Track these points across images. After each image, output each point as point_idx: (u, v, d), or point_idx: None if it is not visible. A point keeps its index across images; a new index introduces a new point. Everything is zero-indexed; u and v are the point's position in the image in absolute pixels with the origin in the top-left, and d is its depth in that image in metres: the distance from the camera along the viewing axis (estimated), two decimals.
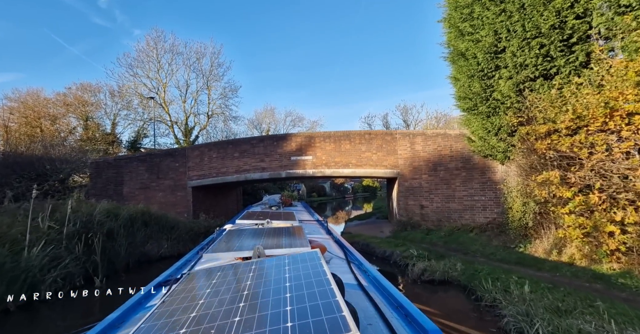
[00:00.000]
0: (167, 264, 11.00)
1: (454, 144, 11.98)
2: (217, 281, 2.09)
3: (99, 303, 7.87)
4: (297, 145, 14.52)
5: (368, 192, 65.16)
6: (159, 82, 26.53)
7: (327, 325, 1.29)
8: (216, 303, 1.72)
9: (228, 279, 2.08)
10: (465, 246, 9.75)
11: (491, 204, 11.09)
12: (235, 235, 3.77)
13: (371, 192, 65.29)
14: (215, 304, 1.70)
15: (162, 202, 14.75)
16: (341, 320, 1.31)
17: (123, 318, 2.18)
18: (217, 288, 1.95)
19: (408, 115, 37.68)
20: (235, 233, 3.96)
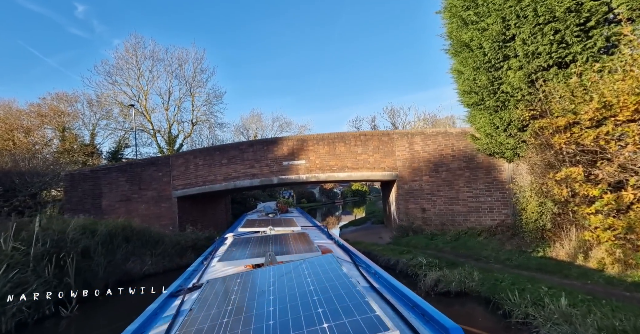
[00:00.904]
0: (152, 282, 9.91)
1: (456, 143, 11.35)
2: (239, 288, 2.08)
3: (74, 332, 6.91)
4: (289, 149, 13.71)
5: (357, 197, 64.72)
6: (139, 89, 25.47)
7: (363, 325, 1.28)
8: (245, 307, 1.71)
9: (250, 285, 2.06)
10: (475, 252, 9.05)
11: (498, 205, 10.45)
12: (241, 243, 3.72)
13: (360, 197, 64.85)
14: (245, 309, 1.69)
15: (145, 215, 13.73)
16: (377, 320, 1.30)
17: (142, 330, 2.14)
18: (242, 294, 1.94)
19: (396, 117, 37.24)
20: (241, 241, 3.87)
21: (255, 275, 2.28)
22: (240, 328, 1.49)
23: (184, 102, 27.37)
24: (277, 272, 2.22)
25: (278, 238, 3.95)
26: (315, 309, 1.51)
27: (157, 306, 2.55)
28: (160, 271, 11.03)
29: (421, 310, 1.93)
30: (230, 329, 1.49)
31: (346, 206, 52.15)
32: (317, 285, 1.82)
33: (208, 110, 28.04)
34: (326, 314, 1.43)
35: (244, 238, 4.17)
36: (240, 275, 2.36)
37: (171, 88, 26.57)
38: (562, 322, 4.35)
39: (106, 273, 9.27)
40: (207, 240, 13.00)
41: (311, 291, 1.75)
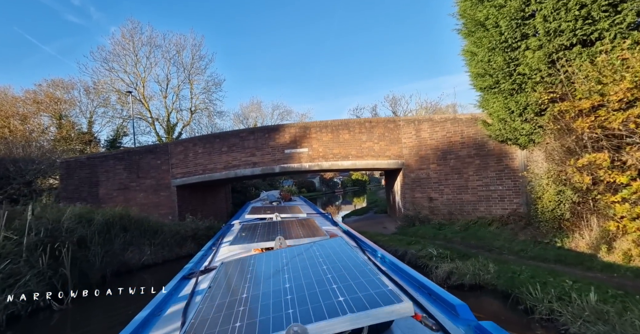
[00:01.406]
0: (151, 273, 9.55)
1: (466, 129, 10.89)
2: (253, 268, 2.11)
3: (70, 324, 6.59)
4: (291, 137, 13.26)
5: (357, 186, 64.49)
6: (137, 76, 24.87)
7: (378, 298, 1.30)
8: (262, 285, 1.75)
9: (264, 266, 2.08)
10: (486, 242, 8.69)
11: (510, 194, 10.05)
12: (250, 229, 3.74)
13: (360, 186, 64.61)
14: (262, 286, 1.72)
15: (144, 203, 13.37)
16: (390, 293, 1.32)
17: (160, 309, 2.20)
18: (257, 274, 1.98)
19: (397, 106, 36.56)
20: (249, 227, 3.89)
21: (268, 256, 2.29)
22: (259, 302, 1.53)
23: (182, 89, 26.83)
24: (289, 254, 2.24)
25: (285, 223, 3.98)
26: (330, 285, 1.53)
27: (172, 287, 2.59)
28: (159, 262, 10.72)
29: (428, 290, 1.99)
30: (251, 303, 1.54)
31: (346, 196, 51.89)
32: (329, 264, 1.84)
33: (207, 98, 27.51)
34: (341, 290, 1.45)
35: (252, 224, 4.16)
36: (254, 256, 2.37)
37: (169, 75, 26.01)
38: (594, 320, 3.98)
39: (103, 263, 8.95)
40: (207, 230, 12.68)
41: (324, 270, 1.78)
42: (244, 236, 3.40)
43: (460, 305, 1.71)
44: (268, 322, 1.34)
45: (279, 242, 2.90)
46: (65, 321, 6.60)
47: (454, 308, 1.72)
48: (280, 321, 1.32)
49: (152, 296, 2.46)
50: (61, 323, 6.50)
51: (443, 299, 1.83)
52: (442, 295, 1.86)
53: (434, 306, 1.81)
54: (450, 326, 1.58)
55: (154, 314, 2.11)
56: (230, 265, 2.34)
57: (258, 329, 1.30)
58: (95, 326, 6.29)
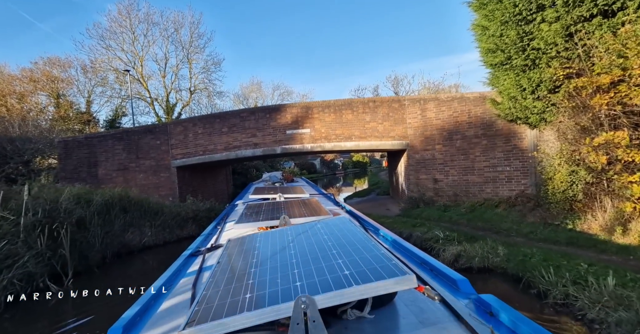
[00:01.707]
0: (152, 255, 9.39)
1: (473, 109, 10.54)
2: (260, 244, 2.14)
3: (71, 306, 6.49)
4: (292, 117, 12.93)
5: (358, 168, 64.28)
6: (134, 55, 24.28)
7: (382, 271, 1.32)
8: (269, 259, 1.79)
9: (271, 242, 2.13)
10: (494, 224, 8.50)
11: (517, 175, 9.80)
12: (254, 208, 3.78)
13: (361, 168, 64.42)
14: (270, 261, 1.76)
15: (144, 184, 13.18)
16: (394, 266, 1.35)
17: (170, 283, 2.26)
18: (264, 250, 2.01)
19: (399, 86, 35.84)
20: (253, 206, 3.92)
21: (274, 234, 2.33)
22: (268, 275, 1.57)
23: (181, 69, 26.26)
24: (294, 231, 2.27)
25: (289, 203, 3.97)
26: (335, 260, 1.56)
27: (180, 264, 2.64)
28: (160, 243, 10.61)
29: (430, 266, 2.03)
30: (259, 276, 1.57)
31: (347, 178, 51.78)
32: (334, 241, 1.87)
33: (206, 78, 26.95)
34: (346, 264, 1.48)
35: (256, 203, 4.21)
36: (260, 234, 2.40)
37: (167, 54, 25.39)
38: (614, 306, 3.80)
39: (103, 244, 8.82)
40: (208, 212, 12.53)
41: (329, 246, 1.80)
42: (249, 216, 3.42)
43: (461, 280, 1.73)
44: (277, 293, 1.36)
45: (283, 221, 2.91)
46: (65, 302, 6.49)
47: (455, 282, 1.74)
48: (288, 292, 1.34)
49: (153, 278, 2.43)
50: (61, 304, 6.39)
51: (444, 274, 1.86)
52: (444, 270, 1.89)
53: (436, 281, 1.84)
54: (452, 298, 1.61)
55: (165, 288, 2.17)
56: (238, 242, 2.37)
57: (268, 300, 1.31)
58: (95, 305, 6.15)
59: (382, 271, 1.33)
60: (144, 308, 1.87)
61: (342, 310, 1.41)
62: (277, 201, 4.47)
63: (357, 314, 1.41)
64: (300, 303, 1.22)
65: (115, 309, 2.26)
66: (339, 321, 1.39)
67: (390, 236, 2.83)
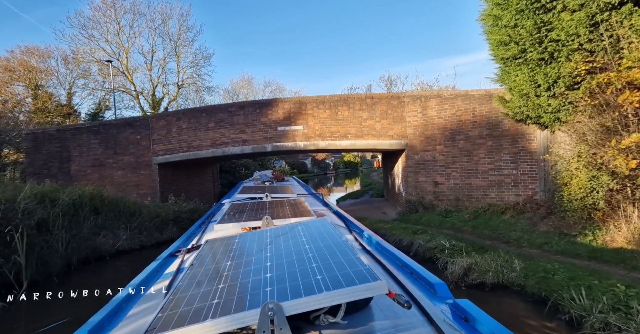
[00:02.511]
0: (126, 260, 8.40)
1: (478, 107, 9.85)
2: (237, 246, 2.09)
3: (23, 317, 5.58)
4: (284, 113, 12.10)
5: (349, 168, 63.85)
6: (119, 46, 23.13)
7: (354, 277, 1.31)
8: (244, 263, 1.75)
9: (248, 245, 2.09)
10: (502, 233, 7.80)
11: (525, 179, 9.12)
12: (239, 208, 3.72)
13: (352, 168, 63.98)
14: (244, 264, 1.72)
15: (122, 182, 12.23)
16: (367, 272, 1.33)
17: (145, 284, 2.19)
18: (240, 252, 1.96)
19: (392, 86, 35.04)
20: (238, 206, 3.88)
21: (253, 235, 2.29)
22: (239, 280, 1.53)
23: (168, 62, 25.15)
24: (273, 233, 2.23)
25: (275, 203, 3.93)
26: (310, 264, 1.54)
27: (158, 264, 2.58)
28: (136, 247, 9.69)
29: (410, 269, 2.03)
30: (231, 281, 1.54)
31: (338, 178, 51.18)
32: (311, 244, 1.85)
33: (195, 72, 25.90)
34: (320, 269, 1.46)
35: (242, 203, 4.16)
36: (238, 235, 2.37)
37: (154, 46, 24.27)
38: None
39: (69, 249, 7.89)
40: (191, 213, 11.67)
41: (306, 249, 1.78)
42: (231, 215, 3.36)
43: (438, 284, 1.75)
44: (245, 299, 1.32)
45: (265, 221, 2.87)
46: (17, 314, 5.58)
47: (432, 286, 1.76)
48: (257, 298, 1.30)
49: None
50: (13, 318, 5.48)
51: (423, 278, 1.87)
52: (422, 274, 1.90)
53: (414, 285, 1.84)
54: (427, 303, 1.58)
55: (139, 290, 2.08)
56: (215, 243, 2.32)
57: (234, 306, 1.27)
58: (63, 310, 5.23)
59: (354, 276, 1.32)
60: (114, 310, 1.77)
61: (314, 316, 1.35)
62: (263, 200, 4.41)
63: (330, 320, 1.35)
64: (267, 310, 1.17)
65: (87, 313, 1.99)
66: (311, 327, 1.35)
67: (374, 238, 2.80)
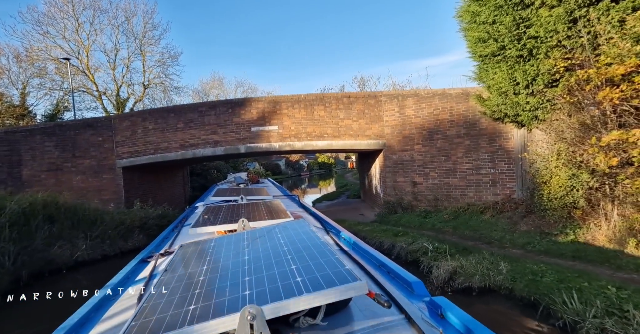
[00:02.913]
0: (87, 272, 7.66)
1: (455, 106, 9.76)
2: (213, 250, 2.05)
3: None
4: (258, 113, 11.62)
5: (323, 169, 63.84)
6: (79, 44, 21.81)
7: (334, 278, 1.30)
8: (220, 267, 1.70)
9: (224, 248, 2.04)
10: (483, 233, 7.68)
11: (503, 178, 9.09)
12: (213, 211, 3.66)
13: (326, 169, 64.00)
14: (221, 268, 1.67)
15: (82, 188, 11.36)
16: (347, 273, 1.33)
17: (116, 290, 2.10)
18: (216, 256, 1.92)
19: (365, 87, 35.12)
20: (212, 209, 3.81)
21: (229, 238, 2.24)
22: (216, 284, 1.49)
23: (133, 61, 23.97)
24: (250, 235, 2.19)
25: (250, 206, 3.88)
26: (289, 266, 1.52)
27: (129, 271, 2.49)
28: (98, 258, 8.94)
29: (387, 269, 2.04)
30: (207, 286, 1.50)
31: (312, 179, 50.91)
32: (290, 246, 1.82)
33: (162, 72, 24.82)
34: (299, 270, 1.45)
35: (216, 206, 4.09)
36: (214, 239, 2.30)
37: (118, 45, 23.05)
38: None
39: (18, 263, 7.11)
40: (159, 219, 11.00)
41: (285, 251, 1.75)
42: (206, 219, 3.28)
43: (415, 282, 1.75)
44: (223, 304, 1.28)
45: (242, 224, 2.83)
46: None
47: (410, 285, 1.76)
48: (236, 302, 1.27)
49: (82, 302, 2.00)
50: None
51: (400, 277, 1.87)
52: (400, 273, 1.90)
53: (392, 284, 1.83)
54: (405, 302, 1.59)
55: (109, 297, 2.00)
56: (189, 248, 2.26)
57: (212, 311, 1.24)
58: None
59: (334, 277, 1.30)
60: (82, 320, 1.69)
61: (294, 318, 1.32)
62: (238, 203, 4.32)
63: (310, 322, 1.32)
64: (247, 314, 1.14)
65: None
66: (291, 329, 1.32)
67: (351, 238, 2.78)
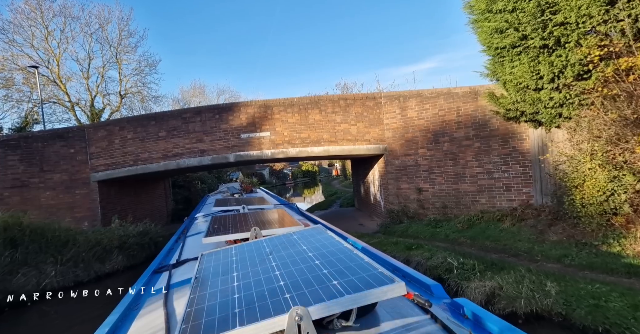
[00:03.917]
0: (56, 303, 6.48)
1: (463, 106, 9.07)
2: (237, 258, 2.01)
3: None
4: (248, 119, 10.70)
5: (307, 177, 62.90)
6: (49, 52, 20.45)
7: (371, 280, 1.30)
8: (251, 273, 1.70)
9: (248, 255, 2.02)
10: (506, 244, 6.91)
11: (518, 182, 8.39)
12: (220, 220, 3.64)
13: (311, 177, 63.10)
14: (252, 274, 1.68)
15: (52, 205, 10.16)
16: (381, 275, 1.33)
17: (136, 303, 2.12)
18: (242, 263, 1.90)
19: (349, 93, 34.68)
20: (218, 218, 3.75)
21: (250, 246, 2.20)
22: (253, 289, 1.49)
23: (108, 69, 22.66)
24: (270, 243, 2.16)
25: (256, 214, 3.82)
26: (321, 271, 1.51)
27: (144, 282, 2.47)
28: (69, 285, 7.80)
29: (402, 273, 2.01)
30: (244, 291, 1.50)
31: (297, 188, 49.90)
32: (315, 252, 1.80)
33: (140, 81, 23.57)
34: (333, 274, 1.44)
35: (222, 216, 3.94)
36: (234, 247, 2.26)
37: (91, 53, 21.76)
38: None
39: None
40: (140, 236, 9.92)
41: (311, 257, 1.74)
42: (216, 228, 3.19)
43: (434, 285, 1.73)
44: (267, 306, 1.29)
45: (254, 233, 2.79)
46: None
47: (428, 288, 1.74)
48: (279, 305, 1.28)
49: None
50: None
51: (418, 280, 1.86)
52: (417, 276, 1.89)
53: (410, 287, 1.70)
54: None
55: (130, 308, 2.02)
56: (212, 256, 2.21)
57: (259, 313, 1.24)
58: None
59: (370, 279, 1.31)
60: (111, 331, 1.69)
61: (327, 320, 1.33)
62: (242, 212, 4.25)
63: (343, 323, 1.33)
64: (295, 315, 1.16)
65: None
66: (325, 331, 1.32)
67: (359, 244, 2.70)
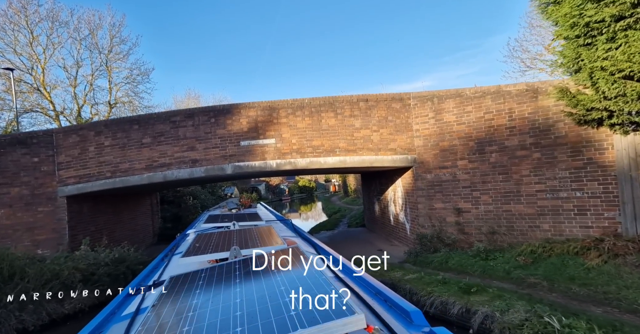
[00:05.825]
0: None
1: (517, 107, 7.36)
2: (204, 282, 2.02)
3: None
4: (250, 123, 8.94)
5: (304, 193, 61.19)
6: (33, 58, 18.81)
7: (331, 311, 1.30)
8: (211, 301, 1.69)
9: (215, 279, 2.02)
10: (606, 292, 5.01)
11: (597, 204, 6.59)
12: (204, 239, 3.63)
13: (308, 193, 61.41)
14: (211, 303, 1.66)
15: (6, 226, 8.31)
16: (344, 305, 1.32)
17: (100, 329, 2.01)
18: (207, 288, 1.89)
19: None
20: (203, 237, 3.76)
21: (221, 268, 2.21)
22: (206, 320, 1.46)
23: (98, 78, 20.99)
24: (242, 265, 2.16)
25: (243, 232, 3.82)
26: (283, 298, 1.50)
27: (115, 305, 2.40)
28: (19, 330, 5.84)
29: (384, 297, 1.99)
30: (197, 322, 1.47)
31: (294, 204, 48.04)
32: (283, 275, 1.79)
33: (131, 90, 21.90)
34: (294, 302, 1.43)
35: (207, 233, 3.99)
36: (205, 269, 2.27)
37: (79, 60, 20.13)
38: None
39: None
40: (115, 265, 8.02)
41: (278, 281, 1.73)
42: (197, 247, 3.18)
43: (414, 311, 1.68)
44: None
45: (234, 253, 2.74)
46: None
47: (408, 314, 1.69)
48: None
49: None
50: None
51: (398, 306, 1.80)
52: (398, 302, 1.83)
53: (390, 313, 1.78)
54: (404, 332, 1.55)
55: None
56: (179, 280, 2.19)
57: None
58: None
59: (330, 310, 1.29)
60: None
61: None
62: (230, 229, 4.22)
63: None
64: None
65: None
66: None
67: (346, 264, 2.65)
